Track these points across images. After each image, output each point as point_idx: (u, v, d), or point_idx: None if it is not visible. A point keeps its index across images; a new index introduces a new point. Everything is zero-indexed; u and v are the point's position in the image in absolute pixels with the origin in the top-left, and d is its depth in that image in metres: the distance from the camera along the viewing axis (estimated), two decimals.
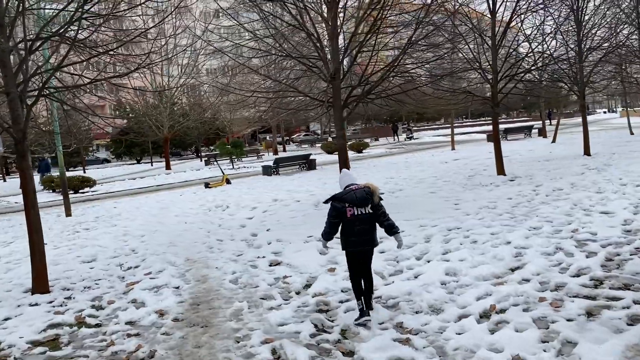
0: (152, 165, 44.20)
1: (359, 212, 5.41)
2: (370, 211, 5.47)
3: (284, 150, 49.99)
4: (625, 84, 27.02)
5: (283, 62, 13.19)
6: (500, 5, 15.12)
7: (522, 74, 15.37)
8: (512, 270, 6.66)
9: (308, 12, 11.03)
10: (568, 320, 4.88)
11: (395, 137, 53.81)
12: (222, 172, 22.96)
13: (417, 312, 5.51)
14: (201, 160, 44.38)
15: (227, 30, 16.72)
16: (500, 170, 15.65)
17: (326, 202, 5.70)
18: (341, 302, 6.06)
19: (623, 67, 22.91)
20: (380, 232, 5.63)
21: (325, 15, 11.04)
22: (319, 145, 52.82)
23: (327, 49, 11.29)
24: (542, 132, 34.87)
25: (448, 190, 13.83)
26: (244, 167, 31.65)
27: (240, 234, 10.49)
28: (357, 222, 5.42)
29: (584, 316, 4.94)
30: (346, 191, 5.55)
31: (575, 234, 8.00)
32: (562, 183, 13.10)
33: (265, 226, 11.11)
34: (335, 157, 34.83)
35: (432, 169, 20.04)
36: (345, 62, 11.77)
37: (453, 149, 30.82)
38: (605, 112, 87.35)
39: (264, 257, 8.37)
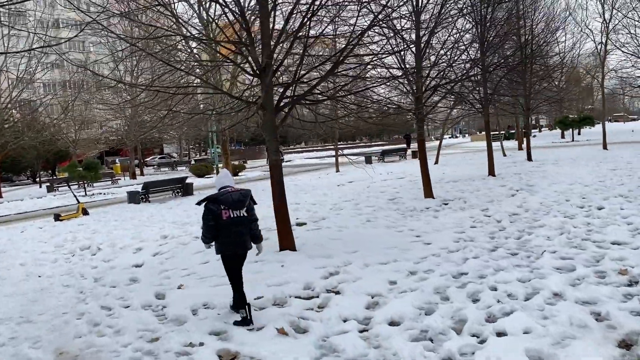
0: None
1: (235, 215, 5.37)
2: (245, 214, 5.46)
3: (142, 174, 44.65)
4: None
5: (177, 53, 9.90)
6: (425, 5, 13.41)
7: (451, 84, 13.75)
8: (627, 346, 4.33)
9: None
10: None
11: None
12: (77, 199, 18.25)
13: None
14: (41, 186, 37.38)
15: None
16: (429, 193, 13.79)
17: (199, 203, 5.53)
18: None
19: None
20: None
21: None
22: (182, 168, 48.42)
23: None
24: (417, 155, 34.77)
25: (385, 217, 11.49)
26: (100, 193, 26.56)
27: (137, 294, 6.93)
28: (233, 225, 5.37)
29: None
30: (222, 192, 5.44)
31: (633, 278, 5.99)
32: (508, 206, 11.50)
33: (169, 279, 7.66)
34: (209, 180, 31.11)
35: (335, 193, 17.73)
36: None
37: (337, 170, 29.10)
38: (450, 137, 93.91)
39: (201, 343, 5.05)
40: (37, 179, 44.88)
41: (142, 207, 18.76)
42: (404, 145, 42.38)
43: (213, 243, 5.58)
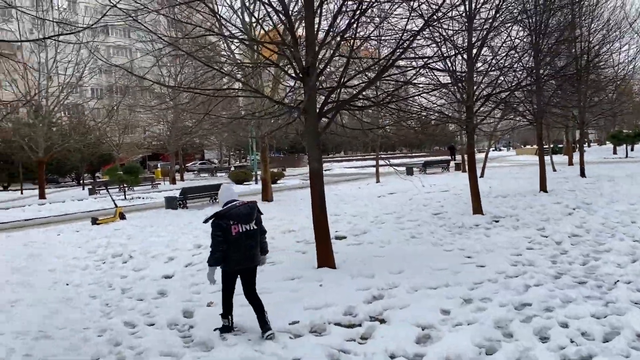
0: (22, 193, 37.04)
1: (245, 229, 5.19)
2: (255, 227, 5.30)
3: (182, 180, 44.99)
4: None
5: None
6: (479, 9, 12.60)
7: (503, 94, 12.90)
8: None
9: None
10: None
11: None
12: (115, 203, 18.17)
13: None
14: (84, 189, 38.06)
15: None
16: (478, 208, 12.91)
17: (206, 221, 5.30)
18: None
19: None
20: None
21: None
22: (222, 174, 48.56)
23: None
24: (461, 167, 33.65)
25: (430, 233, 10.72)
26: (139, 197, 26.64)
27: (164, 310, 6.44)
28: (243, 239, 5.17)
29: None
30: (230, 207, 5.21)
31: None
32: (566, 226, 10.53)
33: (199, 294, 7.15)
34: (248, 187, 30.81)
35: (376, 204, 16.99)
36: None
37: (378, 181, 28.36)
38: (493, 150, 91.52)
39: None
40: (81, 181, 45.82)
41: (179, 212, 18.54)
42: (447, 157, 41.19)
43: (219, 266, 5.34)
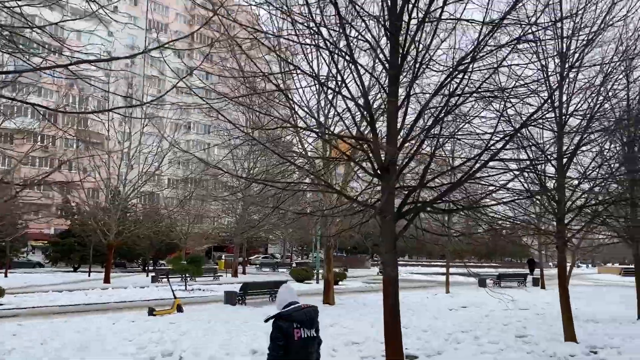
0: (89, 275, 37.79)
1: (307, 335, 4.49)
2: (315, 334, 4.60)
3: (244, 273, 44.59)
4: None
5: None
6: (569, 116, 11.78)
7: (602, 205, 11.68)
8: None
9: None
10: None
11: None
12: (174, 294, 17.67)
13: None
14: (147, 276, 38.35)
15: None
16: (571, 334, 11.28)
17: (267, 320, 4.63)
18: None
19: None
20: None
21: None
22: (283, 270, 47.80)
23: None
24: (539, 282, 31.11)
25: None
26: (199, 289, 26.18)
27: None
28: (305, 346, 4.48)
29: None
30: (294, 309, 4.53)
31: None
32: None
33: None
34: (309, 286, 29.54)
35: (448, 319, 15.51)
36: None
37: (447, 292, 26.51)
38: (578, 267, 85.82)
39: None
40: (146, 268, 46.46)
41: (237, 309, 17.85)
42: (523, 270, 38.59)
43: None
